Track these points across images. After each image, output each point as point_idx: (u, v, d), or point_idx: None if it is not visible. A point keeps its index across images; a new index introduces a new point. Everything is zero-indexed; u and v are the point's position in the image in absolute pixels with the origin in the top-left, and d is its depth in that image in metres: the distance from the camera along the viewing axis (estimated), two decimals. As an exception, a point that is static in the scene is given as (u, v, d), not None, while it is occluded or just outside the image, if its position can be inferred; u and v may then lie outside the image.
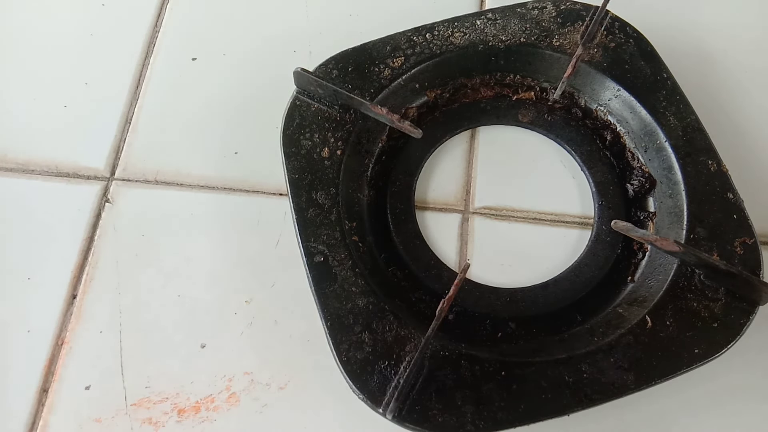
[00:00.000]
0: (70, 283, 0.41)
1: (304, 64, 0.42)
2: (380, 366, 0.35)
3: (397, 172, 0.44)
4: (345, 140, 0.42)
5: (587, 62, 0.44)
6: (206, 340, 0.39)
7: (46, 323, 0.40)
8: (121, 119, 0.47)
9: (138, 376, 0.38)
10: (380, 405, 0.34)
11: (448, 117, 0.45)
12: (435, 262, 0.41)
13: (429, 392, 0.35)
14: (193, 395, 0.38)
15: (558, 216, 0.43)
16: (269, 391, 0.38)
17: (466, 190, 0.44)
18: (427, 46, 0.44)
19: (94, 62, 0.49)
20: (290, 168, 0.40)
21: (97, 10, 0.51)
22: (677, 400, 0.38)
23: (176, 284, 0.41)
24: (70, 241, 0.42)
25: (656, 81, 0.43)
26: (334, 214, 0.39)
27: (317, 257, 0.38)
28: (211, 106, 0.47)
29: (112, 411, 0.38)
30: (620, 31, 0.45)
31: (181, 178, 0.44)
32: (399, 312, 0.37)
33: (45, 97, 0.47)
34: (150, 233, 0.43)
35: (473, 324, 0.39)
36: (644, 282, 0.39)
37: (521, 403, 0.34)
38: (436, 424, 0.34)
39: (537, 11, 0.45)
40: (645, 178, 0.42)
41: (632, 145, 0.43)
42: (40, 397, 0.38)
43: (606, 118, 0.44)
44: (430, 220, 0.43)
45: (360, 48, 0.44)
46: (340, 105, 0.42)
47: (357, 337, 0.36)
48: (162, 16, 0.51)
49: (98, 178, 0.44)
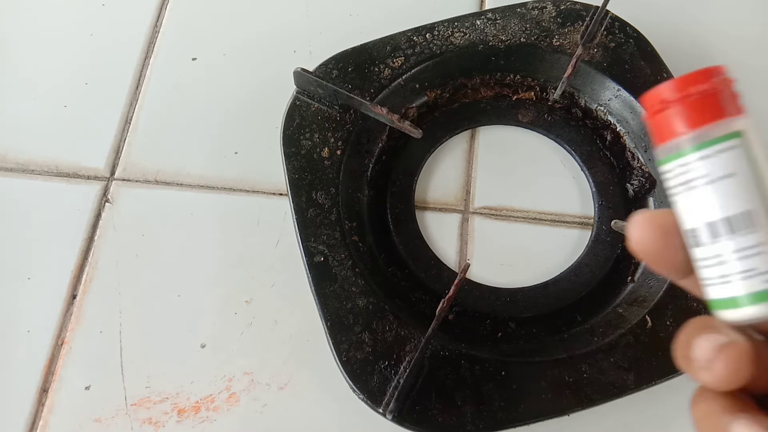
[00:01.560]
0: (70, 283, 0.41)
1: (304, 64, 0.42)
2: (380, 366, 0.35)
3: (397, 172, 0.44)
4: (345, 140, 0.42)
5: (587, 62, 0.44)
6: (206, 340, 0.39)
7: (46, 323, 0.40)
8: (121, 119, 0.47)
9: (138, 376, 0.38)
10: (380, 405, 0.34)
11: (448, 117, 0.45)
12: (435, 262, 0.41)
13: (429, 392, 0.35)
14: (193, 395, 0.38)
15: (558, 216, 0.43)
16: (269, 391, 0.38)
17: (466, 190, 0.44)
18: (427, 46, 0.44)
19: (94, 62, 0.49)
20: (290, 168, 0.40)
21: (97, 10, 0.51)
22: (677, 400, 0.38)
23: (176, 284, 0.41)
24: (70, 241, 0.42)
25: (656, 81, 0.43)
26: (334, 214, 0.39)
27: (317, 257, 0.38)
28: (211, 106, 0.47)
29: (112, 411, 0.38)
30: (620, 31, 0.45)
31: (181, 178, 0.44)
32: (399, 312, 0.37)
33: (45, 97, 0.47)
34: (150, 233, 0.43)
35: (473, 324, 0.39)
36: (644, 282, 0.39)
37: (521, 403, 0.34)
38: (436, 424, 0.34)
39: (537, 11, 0.45)
40: (645, 178, 0.42)
41: (632, 145, 0.43)
42: (40, 397, 0.38)
43: (606, 118, 0.44)
44: (430, 220, 0.43)
45: (360, 48, 0.44)
46: (340, 105, 0.42)
47: (357, 337, 0.36)
48: (162, 16, 0.51)
49: (98, 178, 0.44)
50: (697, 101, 0.19)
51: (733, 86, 0.20)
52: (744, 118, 0.19)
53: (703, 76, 0.19)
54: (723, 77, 0.20)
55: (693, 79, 0.19)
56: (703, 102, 0.19)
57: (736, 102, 0.20)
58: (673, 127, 0.19)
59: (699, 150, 0.19)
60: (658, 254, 0.20)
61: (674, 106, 0.19)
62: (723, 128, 0.19)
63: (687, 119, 0.19)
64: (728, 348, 0.18)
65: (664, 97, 0.19)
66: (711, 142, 0.19)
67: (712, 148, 0.19)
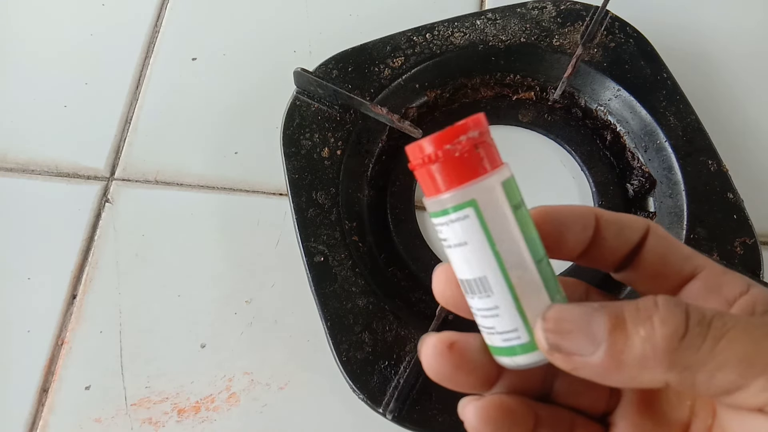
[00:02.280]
0: (70, 283, 0.41)
1: (304, 64, 0.42)
2: (380, 366, 0.35)
3: (397, 172, 0.44)
4: (345, 140, 0.42)
5: (587, 62, 0.44)
6: (206, 340, 0.39)
7: (46, 323, 0.40)
8: (121, 119, 0.47)
9: (138, 376, 0.38)
10: (380, 405, 0.34)
11: (448, 117, 0.45)
12: (435, 262, 0.41)
13: (429, 392, 0.35)
14: (193, 395, 0.38)
15: (558, 216, 0.43)
16: (269, 391, 0.38)
17: (466, 190, 0.44)
18: (427, 46, 0.44)
19: (94, 62, 0.49)
20: (290, 168, 0.40)
21: (97, 10, 0.51)
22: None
23: (176, 284, 0.41)
24: (70, 241, 0.42)
25: (656, 81, 0.43)
26: (334, 214, 0.39)
27: (317, 257, 0.38)
28: (211, 106, 0.47)
29: (112, 411, 0.38)
30: (620, 31, 0.45)
31: (181, 178, 0.44)
32: (399, 312, 0.37)
33: (45, 97, 0.47)
34: (150, 233, 0.43)
35: (473, 324, 0.39)
36: (644, 282, 0.39)
37: (521, 403, 0.34)
38: (436, 424, 0.34)
39: (537, 11, 0.45)
40: (645, 178, 0.42)
41: (632, 145, 0.43)
42: (40, 397, 0.38)
43: (606, 118, 0.44)
44: (430, 220, 0.43)
45: (360, 48, 0.44)
46: (340, 105, 0.42)
47: (357, 337, 0.36)
48: (162, 16, 0.51)
49: (98, 178, 0.44)
50: (443, 164, 0.18)
51: (483, 141, 0.19)
52: (483, 181, 0.18)
53: (452, 135, 0.18)
54: (470, 135, 0.18)
55: (441, 139, 0.18)
56: (444, 166, 0.19)
57: (481, 162, 0.19)
58: (423, 187, 0.19)
59: (439, 216, 0.19)
60: (457, 303, 0.21)
61: (419, 168, 0.19)
62: (458, 197, 0.18)
63: (427, 184, 0.19)
64: None
65: (421, 153, 0.19)
66: (444, 211, 0.19)
67: (447, 217, 0.19)
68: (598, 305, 0.18)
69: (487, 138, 0.19)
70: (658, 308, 0.17)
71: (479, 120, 0.19)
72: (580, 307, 0.18)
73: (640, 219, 0.21)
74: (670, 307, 0.17)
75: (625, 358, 0.17)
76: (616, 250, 0.20)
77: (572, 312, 0.18)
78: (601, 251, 0.21)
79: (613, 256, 0.21)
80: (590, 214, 0.20)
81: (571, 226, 0.20)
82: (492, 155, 0.19)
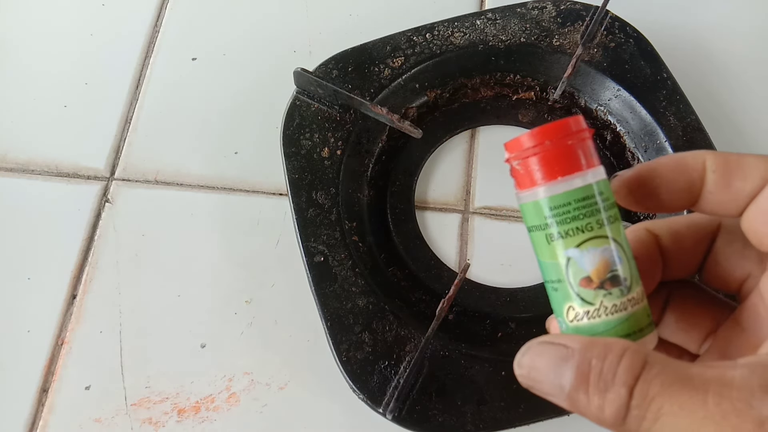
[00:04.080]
0: (70, 283, 0.41)
1: (304, 64, 0.42)
2: (380, 366, 0.35)
3: (397, 172, 0.44)
4: (345, 140, 0.42)
5: (587, 62, 0.44)
6: (206, 340, 0.39)
7: (46, 323, 0.40)
8: (121, 119, 0.47)
9: (138, 376, 0.38)
10: (380, 405, 0.34)
11: (448, 117, 0.45)
12: (435, 262, 0.41)
13: (429, 392, 0.35)
14: (193, 395, 0.38)
15: (558, 216, 0.43)
16: (269, 391, 0.38)
17: (466, 190, 0.44)
18: (427, 46, 0.44)
19: (94, 62, 0.49)
20: (290, 168, 0.40)
21: (97, 10, 0.51)
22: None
23: (176, 284, 0.41)
24: (70, 241, 0.42)
25: (656, 81, 0.43)
26: (334, 214, 0.39)
27: (317, 257, 0.38)
28: (211, 106, 0.47)
29: (112, 411, 0.38)
30: (620, 31, 0.45)
31: (181, 178, 0.44)
32: (399, 312, 0.37)
33: (45, 97, 0.47)
34: (150, 233, 0.43)
35: (473, 324, 0.39)
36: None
37: (521, 403, 0.34)
38: (436, 424, 0.34)
39: (537, 11, 0.45)
40: (645, 178, 0.42)
41: (632, 145, 0.43)
42: (40, 397, 0.38)
43: (606, 118, 0.44)
44: (430, 220, 0.43)
45: (360, 48, 0.44)
46: (340, 105, 0.42)
47: (357, 337, 0.36)
48: (162, 16, 0.51)
49: (98, 178, 0.44)
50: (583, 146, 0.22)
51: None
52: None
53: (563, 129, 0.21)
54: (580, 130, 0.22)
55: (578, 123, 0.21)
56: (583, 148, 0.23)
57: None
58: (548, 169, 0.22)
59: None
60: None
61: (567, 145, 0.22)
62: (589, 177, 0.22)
63: (563, 164, 0.22)
64: None
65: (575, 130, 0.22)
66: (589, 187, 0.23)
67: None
68: (571, 353, 0.19)
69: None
70: (614, 383, 0.18)
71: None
72: (552, 354, 0.20)
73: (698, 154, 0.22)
74: (617, 387, 0.18)
75: (584, 413, 0.19)
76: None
77: (543, 361, 0.20)
78: None
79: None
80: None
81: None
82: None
